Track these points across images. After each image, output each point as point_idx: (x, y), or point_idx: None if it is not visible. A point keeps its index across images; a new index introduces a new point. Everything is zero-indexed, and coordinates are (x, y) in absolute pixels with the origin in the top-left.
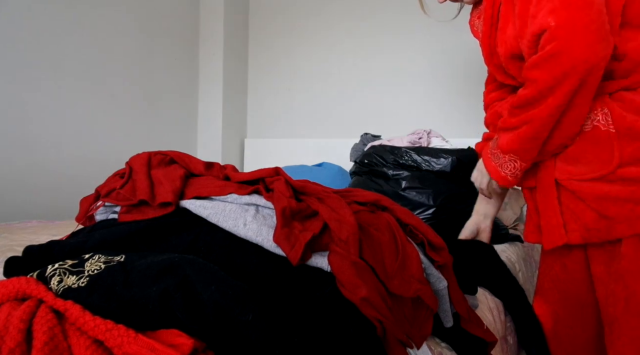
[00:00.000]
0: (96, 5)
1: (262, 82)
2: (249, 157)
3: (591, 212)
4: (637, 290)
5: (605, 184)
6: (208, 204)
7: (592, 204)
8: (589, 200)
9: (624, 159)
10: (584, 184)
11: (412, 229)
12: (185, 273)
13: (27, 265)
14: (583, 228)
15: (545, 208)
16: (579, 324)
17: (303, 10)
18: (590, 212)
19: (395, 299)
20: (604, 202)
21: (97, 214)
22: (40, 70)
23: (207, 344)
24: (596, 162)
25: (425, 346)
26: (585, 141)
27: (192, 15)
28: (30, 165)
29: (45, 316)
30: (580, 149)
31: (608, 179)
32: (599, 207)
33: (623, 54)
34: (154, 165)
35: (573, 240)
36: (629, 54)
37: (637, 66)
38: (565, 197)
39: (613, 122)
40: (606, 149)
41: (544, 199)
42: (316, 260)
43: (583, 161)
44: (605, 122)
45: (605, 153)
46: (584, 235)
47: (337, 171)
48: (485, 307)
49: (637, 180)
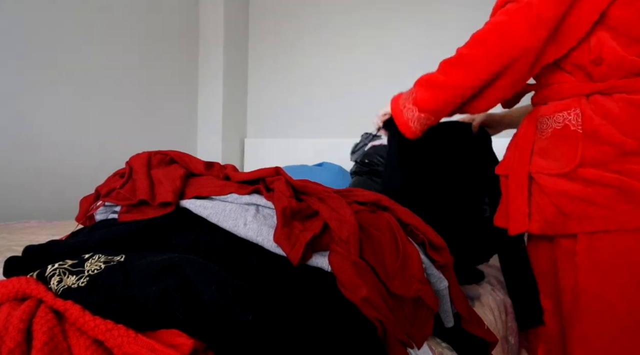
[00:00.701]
0: (96, 5)
1: (263, 81)
2: (249, 156)
3: (552, 206)
4: (587, 288)
5: (567, 181)
6: (208, 204)
7: (554, 199)
8: (552, 195)
9: (585, 160)
10: (549, 179)
11: (412, 229)
12: (186, 273)
13: (26, 265)
14: (543, 220)
15: (515, 196)
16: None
17: (304, 9)
18: (551, 207)
19: (395, 299)
20: (563, 198)
21: (97, 214)
22: (40, 70)
23: (207, 344)
24: (562, 159)
25: (426, 346)
26: (556, 138)
27: (192, 14)
28: (30, 166)
29: (45, 316)
30: (552, 144)
31: (569, 176)
32: (559, 203)
33: (601, 59)
34: (154, 165)
35: (533, 229)
36: (606, 58)
37: (614, 71)
38: (535, 189)
39: (582, 123)
40: (572, 147)
41: (515, 187)
42: (317, 260)
43: (552, 157)
44: (576, 122)
45: (570, 151)
46: (542, 227)
47: (338, 171)
48: (486, 307)
49: (595, 182)
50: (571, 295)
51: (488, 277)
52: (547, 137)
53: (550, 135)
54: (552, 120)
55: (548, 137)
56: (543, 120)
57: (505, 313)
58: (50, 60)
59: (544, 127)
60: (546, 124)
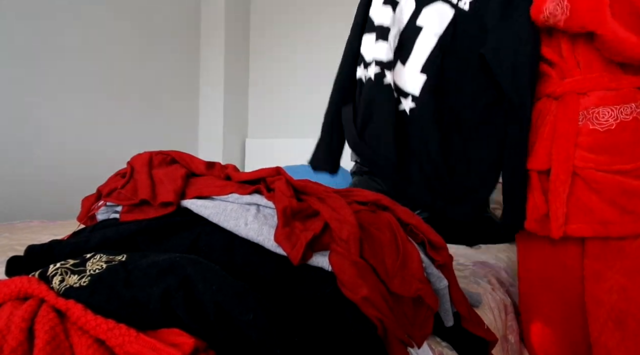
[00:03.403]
0: (97, 5)
1: (264, 82)
2: (250, 157)
3: (609, 206)
4: None
5: (633, 178)
6: (209, 204)
7: (615, 197)
8: (610, 194)
9: None
10: (606, 176)
11: (412, 228)
12: (187, 273)
13: (28, 265)
14: (596, 222)
15: (558, 194)
16: (573, 323)
17: (304, 10)
18: (608, 206)
19: (396, 299)
20: (632, 197)
21: (98, 214)
22: (41, 70)
23: (208, 344)
24: (629, 155)
25: (426, 345)
26: (622, 131)
27: (193, 15)
28: (31, 166)
29: (47, 315)
30: (613, 138)
31: (636, 174)
32: (624, 202)
33: None
34: (155, 165)
35: (578, 232)
36: None
37: None
38: (578, 188)
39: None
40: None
41: (560, 184)
42: (317, 260)
43: (613, 151)
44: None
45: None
46: (596, 229)
47: (338, 171)
48: (486, 306)
49: None
50: (625, 296)
51: (488, 276)
52: (608, 130)
53: (615, 127)
54: (617, 111)
55: (611, 129)
56: (598, 110)
57: (505, 312)
58: (52, 61)
59: (602, 118)
60: (606, 114)
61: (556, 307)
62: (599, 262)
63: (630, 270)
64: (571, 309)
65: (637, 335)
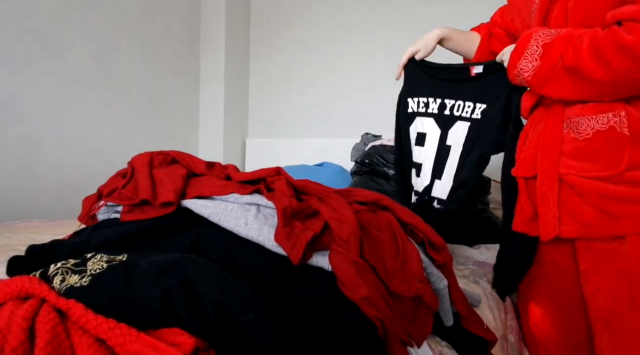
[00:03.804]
0: (98, 5)
1: (264, 82)
2: (250, 157)
3: (592, 208)
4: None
5: (610, 184)
6: (209, 204)
7: (595, 200)
8: (590, 197)
9: (634, 163)
10: (586, 181)
11: (412, 228)
12: (187, 272)
13: (29, 265)
14: (579, 223)
15: (546, 199)
16: (572, 322)
17: (304, 10)
18: (591, 209)
19: (395, 298)
20: (609, 200)
21: (99, 214)
22: (42, 70)
23: (208, 343)
24: (604, 162)
25: (426, 345)
26: (598, 139)
27: (194, 14)
28: (32, 165)
29: (47, 315)
30: (591, 146)
31: (613, 180)
32: (602, 205)
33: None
34: (155, 165)
35: (566, 233)
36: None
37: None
38: (564, 192)
39: (629, 126)
40: (617, 150)
41: (546, 189)
42: (317, 260)
43: (591, 159)
44: (622, 124)
45: (616, 155)
46: (579, 230)
47: (338, 171)
48: (485, 306)
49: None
50: (614, 298)
51: (488, 276)
52: (585, 138)
53: (591, 136)
54: (594, 121)
55: (588, 138)
56: (578, 120)
57: (504, 312)
58: (52, 61)
59: (581, 127)
60: (584, 124)
61: (553, 304)
62: (585, 264)
63: (615, 272)
64: (570, 307)
65: (624, 336)
